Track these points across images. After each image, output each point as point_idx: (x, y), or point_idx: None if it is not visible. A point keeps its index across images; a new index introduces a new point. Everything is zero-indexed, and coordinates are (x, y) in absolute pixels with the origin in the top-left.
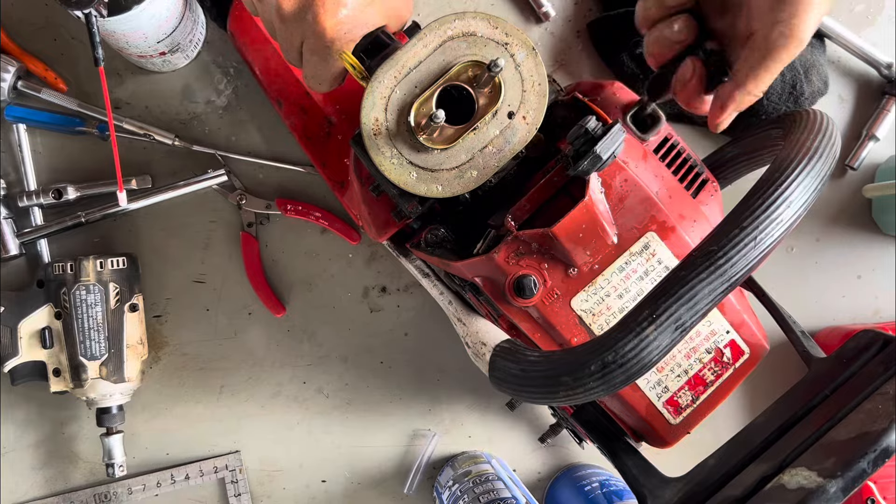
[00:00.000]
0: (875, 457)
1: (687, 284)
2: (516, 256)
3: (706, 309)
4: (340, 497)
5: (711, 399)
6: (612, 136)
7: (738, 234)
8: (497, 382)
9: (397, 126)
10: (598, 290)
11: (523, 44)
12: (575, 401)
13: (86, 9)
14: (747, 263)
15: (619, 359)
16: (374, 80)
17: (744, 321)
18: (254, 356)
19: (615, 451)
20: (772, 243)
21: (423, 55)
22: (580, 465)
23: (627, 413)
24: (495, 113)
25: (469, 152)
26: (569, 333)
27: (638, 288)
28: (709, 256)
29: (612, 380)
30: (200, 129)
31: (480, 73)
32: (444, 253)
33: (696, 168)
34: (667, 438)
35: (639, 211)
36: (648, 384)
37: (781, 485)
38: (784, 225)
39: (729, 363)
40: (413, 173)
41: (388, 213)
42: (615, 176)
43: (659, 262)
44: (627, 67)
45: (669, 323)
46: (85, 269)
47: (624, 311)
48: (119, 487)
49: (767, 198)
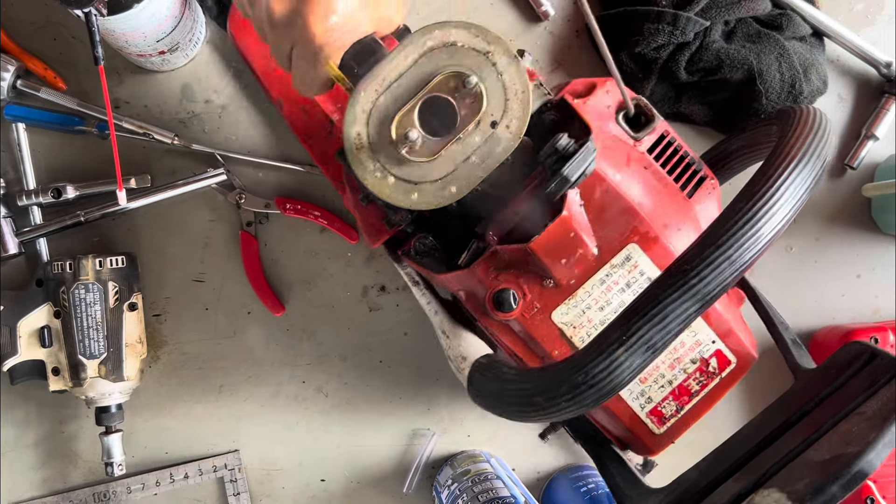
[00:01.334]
0: (847, 481)
1: (658, 305)
2: (495, 271)
3: (678, 329)
4: (340, 496)
5: (696, 409)
6: (582, 157)
7: (713, 251)
8: (474, 398)
9: (379, 139)
10: (578, 303)
11: (505, 52)
12: (549, 419)
13: (85, 8)
14: (722, 282)
15: (589, 380)
16: (354, 94)
17: (731, 330)
18: (253, 355)
19: (601, 458)
20: (749, 260)
21: (403, 67)
22: (577, 466)
23: (612, 423)
24: (478, 123)
25: (452, 163)
26: (550, 346)
27: (619, 300)
28: (682, 276)
29: (583, 400)
30: (200, 128)
31: (462, 83)
32: (431, 262)
33: (693, 166)
34: (651, 447)
35: (620, 222)
36: (632, 395)
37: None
38: (763, 241)
39: (715, 373)
40: (396, 186)
41: (380, 220)
42: (595, 187)
43: (641, 273)
44: (627, 67)
45: (640, 345)
46: (84, 268)
47: (605, 324)
48: (118, 486)
49: (746, 212)
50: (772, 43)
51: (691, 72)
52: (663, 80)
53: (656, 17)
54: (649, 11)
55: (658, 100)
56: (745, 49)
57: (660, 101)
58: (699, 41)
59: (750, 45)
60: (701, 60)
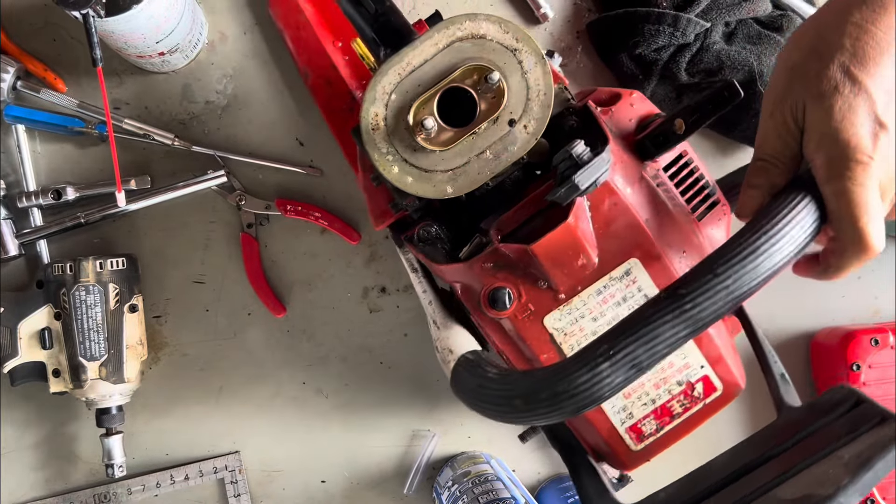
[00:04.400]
0: None
1: (649, 325)
2: (495, 268)
3: (665, 352)
4: (340, 497)
5: (676, 431)
6: (595, 166)
7: (710, 279)
8: (456, 392)
9: (396, 123)
10: (573, 311)
11: (533, 51)
12: (527, 423)
13: (83, 9)
14: (715, 310)
15: (570, 390)
16: (378, 75)
17: (721, 357)
18: (253, 357)
19: (576, 466)
20: (746, 293)
21: (429, 54)
22: (566, 475)
23: (589, 432)
24: (496, 119)
25: (465, 156)
26: (538, 350)
27: (614, 313)
28: (676, 299)
29: (561, 408)
30: (200, 129)
31: (485, 77)
32: (433, 251)
33: (706, 189)
34: (626, 463)
35: (624, 236)
36: (613, 408)
37: None
38: (762, 275)
39: (699, 398)
40: (407, 172)
41: (386, 203)
42: (605, 199)
43: (639, 289)
44: (627, 68)
45: (625, 362)
46: (84, 269)
47: (597, 335)
48: (119, 488)
49: (749, 245)
50: (772, 44)
51: (692, 73)
52: (664, 81)
53: (657, 19)
54: (650, 13)
55: (658, 101)
56: (745, 50)
57: (660, 102)
58: (700, 42)
59: (750, 47)
60: (701, 62)
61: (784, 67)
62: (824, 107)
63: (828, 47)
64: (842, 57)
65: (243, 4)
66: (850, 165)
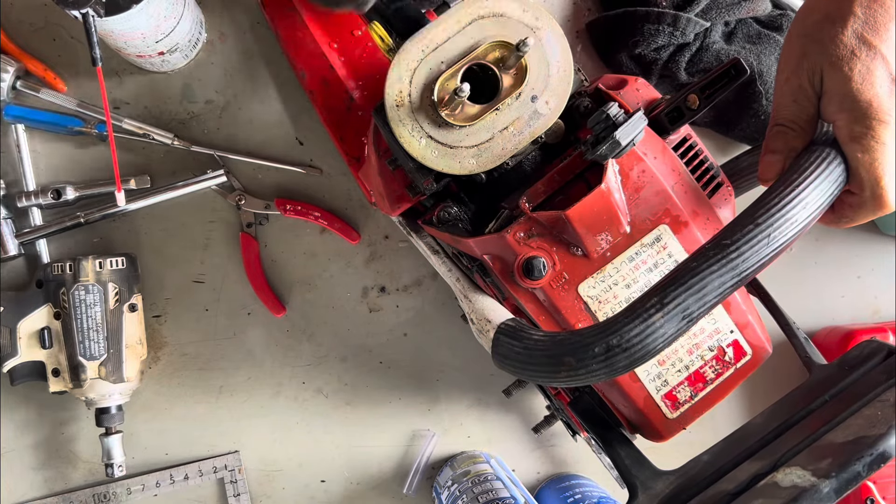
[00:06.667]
0: (871, 460)
1: (698, 275)
2: (527, 237)
3: (714, 301)
4: (340, 497)
5: (710, 397)
6: (633, 123)
7: (752, 229)
8: (500, 359)
9: (420, 100)
10: (606, 278)
11: (553, 29)
12: (576, 382)
13: (82, 8)
14: (759, 259)
15: (623, 343)
16: (401, 52)
17: (749, 322)
18: (253, 356)
19: (610, 440)
20: (785, 242)
21: (452, 31)
22: (565, 476)
23: (625, 403)
24: (519, 95)
25: (489, 132)
26: (573, 318)
27: (646, 279)
28: (721, 249)
29: (615, 364)
30: (199, 129)
31: (507, 54)
32: (456, 230)
33: (712, 171)
34: (662, 432)
35: (654, 203)
36: (648, 376)
37: (775, 482)
38: (798, 225)
39: (731, 363)
40: (432, 148)
41: (403, 188)
42: (633, 166)
43: (669, 255)
44: (626, 67)
45: (677, 312)
46: (84, 269)
47: (630, 301)
48: (118, 487)
49: (784, 196)
50: (772, 44)
51: (691, 73)
52: (663, 80)
53: (656, 18)
54: (649, 12)
55: None
56: (745, 50)
57: None
58: (699, 42)
59: (750, 46)
60: (701, 61)
61: (797, 34)
62: (843, 70)
63: (841, 15)
64: (855, 24)
65: (243, 4)
66: (873, 125)
